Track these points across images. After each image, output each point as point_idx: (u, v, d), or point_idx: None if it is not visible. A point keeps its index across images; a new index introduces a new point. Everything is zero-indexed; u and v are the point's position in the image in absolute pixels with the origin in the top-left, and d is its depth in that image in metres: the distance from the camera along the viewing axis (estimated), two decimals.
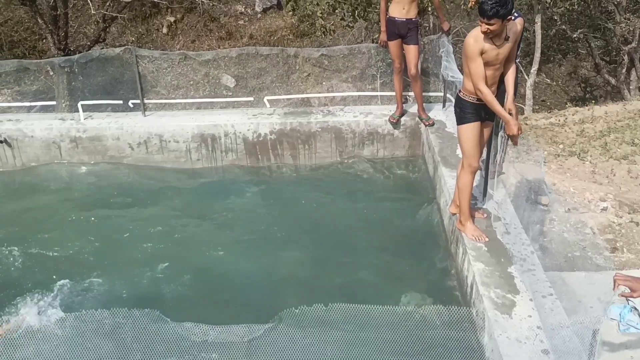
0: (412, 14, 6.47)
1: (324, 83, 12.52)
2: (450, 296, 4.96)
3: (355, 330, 3.32)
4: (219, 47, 13.98)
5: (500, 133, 5.26)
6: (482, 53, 4.31)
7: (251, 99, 8.14)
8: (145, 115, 7.34)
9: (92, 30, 12.71)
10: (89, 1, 8.64)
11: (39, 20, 9.08)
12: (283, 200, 6.63)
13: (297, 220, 6.25)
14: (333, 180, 6.98)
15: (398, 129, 7.11)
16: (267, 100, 7.70)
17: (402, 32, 6.55)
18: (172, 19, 13.89)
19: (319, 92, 11.16)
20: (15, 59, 12.13)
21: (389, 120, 7.07)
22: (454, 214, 5.10)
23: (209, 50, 13.73)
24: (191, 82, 12.21)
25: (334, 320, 3.33)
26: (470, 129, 4.65)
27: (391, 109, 7.28)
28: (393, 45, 6.68)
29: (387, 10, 6.62)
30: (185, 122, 7.21)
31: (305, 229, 6.06)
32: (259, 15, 14.27)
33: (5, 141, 7.07)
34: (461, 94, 4.62)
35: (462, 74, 4.75)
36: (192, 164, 7.28)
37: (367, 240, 5.80)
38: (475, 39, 4.30)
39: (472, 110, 4.60)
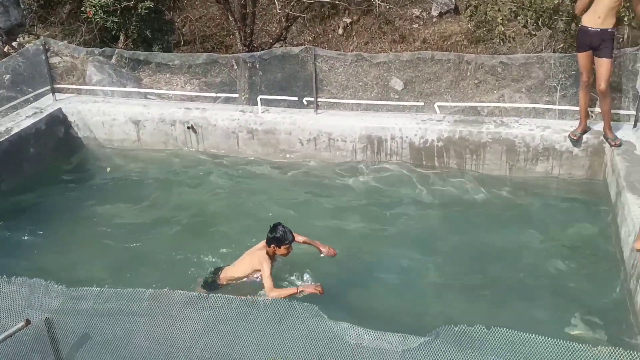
0: (609, 23, 5.95)
1: (495, 92, 12.02)
2: (626, 336, 4.50)
3: None
4: (391, 50, 14.03)
5: None
6: None
7: (421, 104, 8.04)
8: (317, 113, 7.58)
9: (274, 28, 13.41)
10: (275, 1, 9.10)
11: (230, 17, 9.76)
12: (444, 210, 6.47)
13: (458, 232, 6.07)
14: (500, 194, 6.66)
15: (578, 147, 6.59)
16: (438, 106, 7.55)
17: (594, 43, 6.06)
18: (348, 21, 14.20)
19: (490, 101, 10.74)
20: (205, 52, 13.23)
21: (569, 136, 6.57)
22: (638, 251, 4.60)
23: (381, 52, 13.85)
24: (360, 83, 12.40)
25: (495, 346, 3.14)
26: None
27: (572, 124, 6.77)
28: (583, 57, 6.21)
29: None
30: (355, 123, 7.33)
31: (467, 243, 5.86)
32: (435, 19, 14.07)
33: (192, 127, 7.71)
34: None
35: None
36: (357, 163, 7.38)
37: (533, 265, 5.46)
38: None
39: None
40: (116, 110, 7.94)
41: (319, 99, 7.67)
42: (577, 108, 6.67)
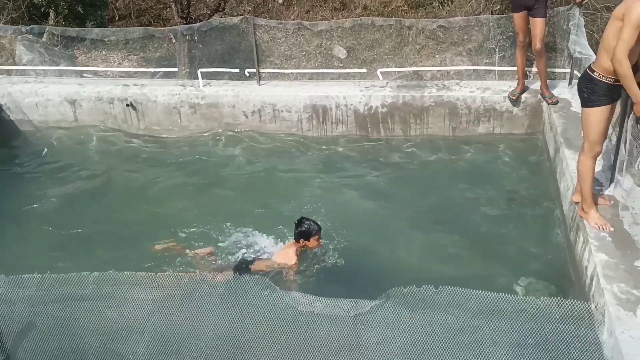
0: None
1: (437, 56, 12.12)
2: (566, 287, 4.70)
3: (465, 315, 3.20)
4: (332, 18, 13.89)
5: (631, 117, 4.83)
6: None
7: (364, 70, 8.05)
8: (260, 84, 7.48)
9: None
10: None
11: None
12: (391, 175, 6.55)
13: (403, 196, 6.15)
14: (445, 157, 6.78)
15: (518, 106, 6.74)
16: (380, 72, 7.56)
17: (528, 3, 6.17)
18: None
19: (433, 66, 10.82)
20: (142, 26, 12.76)
21: (509, 96, 6.72)
22: (576, 203, 4.77)
23: (322, 20, 13.69)
24: (304, 53, 12.27)
25: (443, 303, 3.23)
26: (600, 113, 4.32)
27: (510, 84, 6.91)
28: (518, 17, 6.31)
29: None
30: (298, 93, 7.27)
31: (412, 206, 5.96)
32: None
33: (131, 105, 7.47)
34: (595, 74, 4.24)
35: (596, 51, 4.40)
36: (303, 133, 7.35)
37: (478, 222, 5.61)
38: None
39: (605, 92, 4.25)
40: (50, 90, 7.61)
41: (261, 70, 7.55)
42: (515, 68, 6.80)
